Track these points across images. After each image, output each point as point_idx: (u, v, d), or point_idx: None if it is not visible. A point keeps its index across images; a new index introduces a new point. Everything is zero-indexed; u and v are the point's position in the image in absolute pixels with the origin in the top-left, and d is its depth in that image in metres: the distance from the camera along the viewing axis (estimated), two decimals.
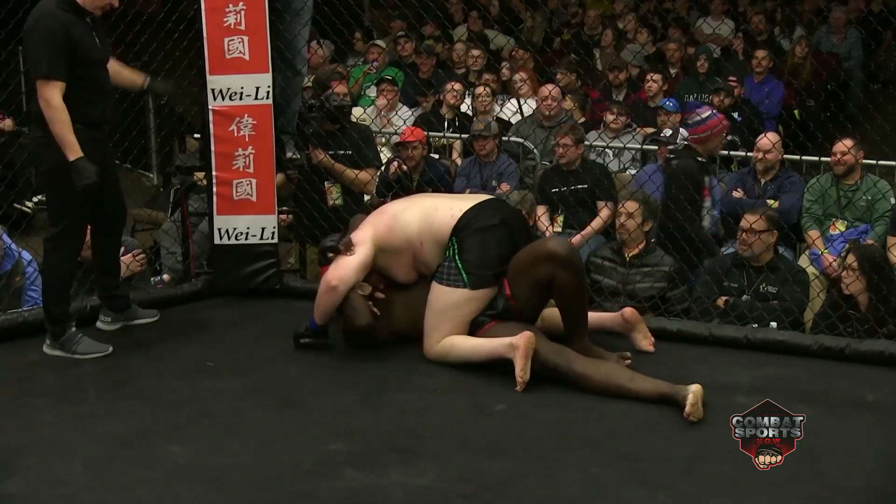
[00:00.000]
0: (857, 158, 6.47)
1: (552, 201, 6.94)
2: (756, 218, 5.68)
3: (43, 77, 4.35)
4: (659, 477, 3.49)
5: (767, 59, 9.40)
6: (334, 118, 6.36)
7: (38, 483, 3.42)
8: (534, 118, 8.12)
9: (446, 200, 4.79)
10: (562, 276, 4.41)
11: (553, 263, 4.42)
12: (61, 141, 4.35)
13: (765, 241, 5.72)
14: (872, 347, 4.74)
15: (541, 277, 4.45)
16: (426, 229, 4.62)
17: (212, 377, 4.46)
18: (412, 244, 4.65)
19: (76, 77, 4.41)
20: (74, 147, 4.35)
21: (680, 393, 4.03)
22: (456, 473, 3.53)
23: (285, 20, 5.66)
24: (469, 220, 4.56)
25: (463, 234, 4.53)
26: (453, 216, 4.58)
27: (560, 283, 4.43)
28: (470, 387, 4.28)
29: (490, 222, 4.57)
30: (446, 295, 4.50)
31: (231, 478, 3.47)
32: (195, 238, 6.11)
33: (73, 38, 4.39)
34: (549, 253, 4.46)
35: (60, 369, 4.51)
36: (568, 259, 4.45)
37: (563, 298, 4.52)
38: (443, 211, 4.63)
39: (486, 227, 4.55)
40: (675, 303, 5.71)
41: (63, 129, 4.34)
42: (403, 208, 4.76)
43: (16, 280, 5.57)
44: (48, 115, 4.35)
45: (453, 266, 4.50)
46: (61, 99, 4.34)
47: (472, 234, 4.52)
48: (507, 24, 11.49)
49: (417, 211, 4.70)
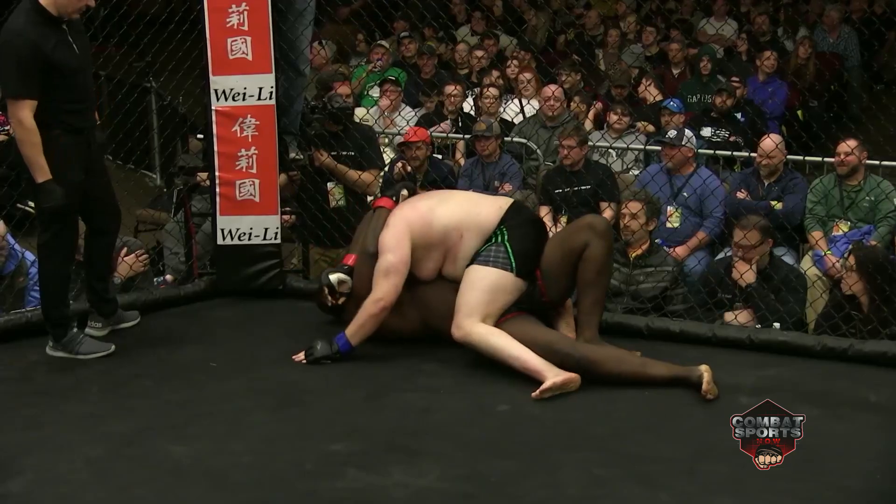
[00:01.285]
0: (860, 159, 6.46)
1: (555, 202, 6.94)
2: (744, 233, 5.61)
3: (12, 97, 4.30)
4: (661, 477, 3.49)
5: (773, 59, 9.39)
6: (337, 119, 6.36)
7: (40, 482, 3.42)
8: (537, 118, 8.12)
9: (482, 195, 5.02)
10: (595, 245, 4.52)
11: (590, 231, 4.56)
12: (30, 162, 4.32)
13: (759, 252, 5.64)
14: (875, 348, 4.74)
15: (575, 246, 4.55)
16: (470, 220, 4.62)
17: (214, 377, 4.46)
18: (450, 236, 4.62)
19: (54, 87, 4.35)
20: (43, 169, 4.32)
21: (694, 373, 4.20)
22: (458, 473, 3.53)
23: (288, 21, 5.66)
24: (517, 212, 4.66)
25: (513, 223, 4.57)
26: (501, 207, 4.65)
27: (590, 254, 4.52)
28: (472, 387, 4.28)
29: (531, 218, 4.74)
30: (494, 276, 4.47)
31: (233, 477, 3.47)
32: (198, 238, 6.12)
33: (45, 53, 4.29)
34: (588, 223, 4.65)
35: (62, 369, 4.52)
36: (605, 230, 4.62)
37: (588, 272, 4.55)
38: (487, 202, 4.74)
39: (532, 221, 4.71)
40: (677, 302, 5.70)
41: (32, 150, 4.30)
42: (438, 202, 4.74)
43: (19, 280, 5.57)
44: (19, 135, 4.32)
45: (502, 250, 4.50)
46: (32, 119, 4.29)
47: (523, 224, 4.60)
48: (509, 24, 11.49)
49: (457, 204, 4.73)
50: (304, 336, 4.81)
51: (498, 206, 4.66)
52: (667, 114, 8.17)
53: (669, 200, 6.72)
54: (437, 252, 4.65)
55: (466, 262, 4.59)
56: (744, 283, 5.58)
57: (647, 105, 8.89)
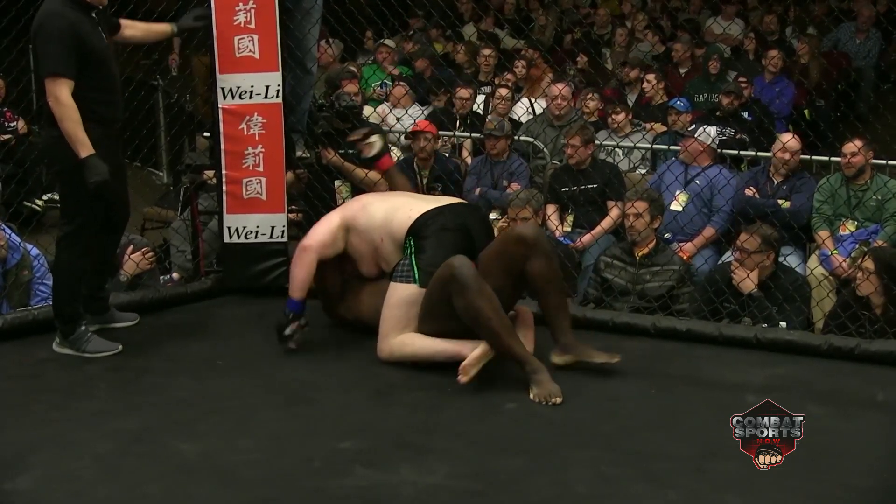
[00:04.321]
0: (867, 158, 6.45)
1: (562, 200, 6.94)
2: (748, 236, 5.59)
3: (51, 75, 4.35)
4: (669, 475, 3.49)
5: (779, 58, 9.38)
6: (345, 117, 6.37)
7: (48, 479, 3.43)
8: (544, 117, 8.11)
9: (411, 200, 4.79)
10: (533, 260, 4.43)
11: (522, 246, 4.45)
12: (72, 138, 4.34)
13: (757, 260, 5.59)
14: (882, 347, 4.74)
15: (513, 261, 4.46)
16: (385, 227, 4.67)
17: (221, 375, 4.47)
18: (373, 239, 4.71)
19: (86, 76, 4.41)
20: (86, 144, 4.35)
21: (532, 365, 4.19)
22: (466, 471, 3.52)
23: (295, 19, 5.66)
24: (427, 222, 4.58)
25: (420, 235, 4.55)
26: (410, 217, 4.61)
27: (532, 269, 4.44)
28: (480, 385, 4.27)
29: (448, 225, 4.59)
30: (398, 291, 4.52)
31: (241, 475, 3.47)
32: (205, 236, 6.12)
33: (81, 36, 4.38)
34: (517, 236, 4.52)
35: (70, 366, 4.52)
36: (536, 240, 4.46)
37: (538, 285, 4.50)
38: (402, 211, 4.66)
39: (443, 229, 4.57)
40: (684, 301, 5.70)
41: (73, 126, 4.34)
42: (373, 201, 4.86)
43: (24, 274, 5.58)
44: (58, 112, 4.35)
45: (407, 264, 4.53)
46: (70, 96, 4.34)
47: (430, 236, 4.54)
48: (517, 23, 11.49)
49: (383, 207, 4.76)
50: (311, 334, 4.81)
51: (408, 216, 4.61)
52: (673, 113, 8.16)
53: (681, 189, 6.73)
54: (368, 248, 4.75)
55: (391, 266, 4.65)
56: (745, 290, 5.56)
57: (654, 105, 8.88)
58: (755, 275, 5.56)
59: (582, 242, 6.76)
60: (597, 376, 4.41)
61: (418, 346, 4.46)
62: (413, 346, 4.47)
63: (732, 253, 5.82)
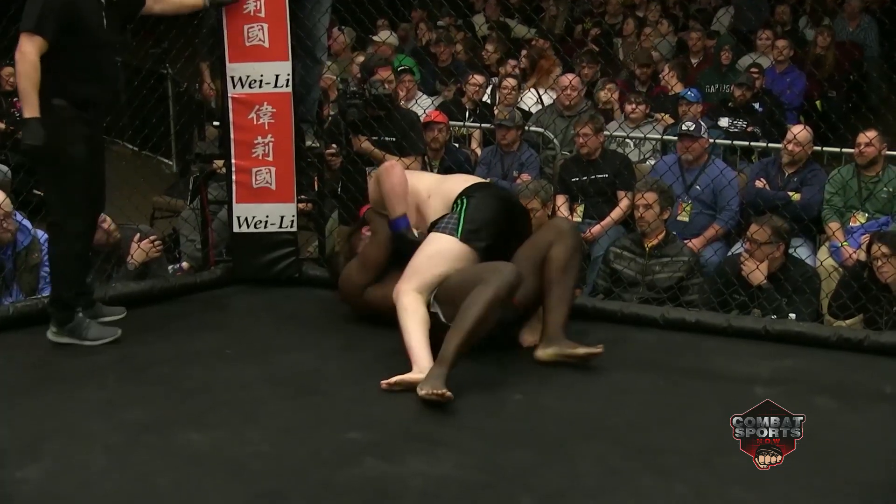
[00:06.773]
0: (879, 150, 6.42)
1: (572, 191, 6.93)
2: (758, 227, 5.57)
3: (27, 30, 4.31)
4: (678, 468, 3.49)
5: (788, 48, 9.34)
6: (380, 104, 6.39)
7: (58, 470, 3.43)
8: (554, 107, 8.10)
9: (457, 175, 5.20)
10: (558, 244, 4.55)
11: (555, 231, 4.63)
12: (23, 96, 4.31)
13: (765, 253, 5.56)
14: (891, 339, 4.73)
15: (541, 246, 4.59)
16: (437, 186, 4.84)
17: (231, 365, 4.47)
18: (419, 193, 4.81)
19: (69, 52, 4.37)
20: (33, 105, 4.29)
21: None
22: (474, 463, 3.53)
23: (305, 8, 5.66)
24: (479, 186, 4.79)
25: (473, 195, 4.66)
26: (466, 180, 4.87)
27: (553, 253, 4.53)
28: (488, 377, 4.28)
29: (498, 194, 4.82)
30: (436, 241, 4.58)
31: (250, 466, 3.47)
32: (214, 226, 6.12)
33: (79, 13, 4.37)
34: (554, 224, 4.80)
35: (78, 356, 4.52)
36: (569, 230, 4.66)
37: (552, 270, 4.53)
38: (455, 178, 4.98)
39: (495, 196, 4.75)
40: (693, 292, 5.69)
41: (28, 84, 4.29)
42: (414, 174, 5.03)
43: (33, 256, 5.57)
44: (20, 67, 4.32)
45: (455, 217, 4.59)
46: (37, 56, 4.29)
47: (484, 197, 4.67)
48: (527, 12, 11.46)
49: (431, 175, 5.19)
50: (321, 324, 4.82)
51: (464, 179, 4.90)
52: (684, 104, 8.13)
53: (682, 195, 6.68)
54: (411, 203, 4.81)
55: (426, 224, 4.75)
56: (754, 281, 5.54)
57: (666, 95, 8.84)
58: (765, 266, 5.54)
59: (592, 233, 6.74)
60: (605, 369, 4.40)
61: (404, 323, 4.38)
62: (402, 319, 4.39)
63: (742, 244, 5.80)
